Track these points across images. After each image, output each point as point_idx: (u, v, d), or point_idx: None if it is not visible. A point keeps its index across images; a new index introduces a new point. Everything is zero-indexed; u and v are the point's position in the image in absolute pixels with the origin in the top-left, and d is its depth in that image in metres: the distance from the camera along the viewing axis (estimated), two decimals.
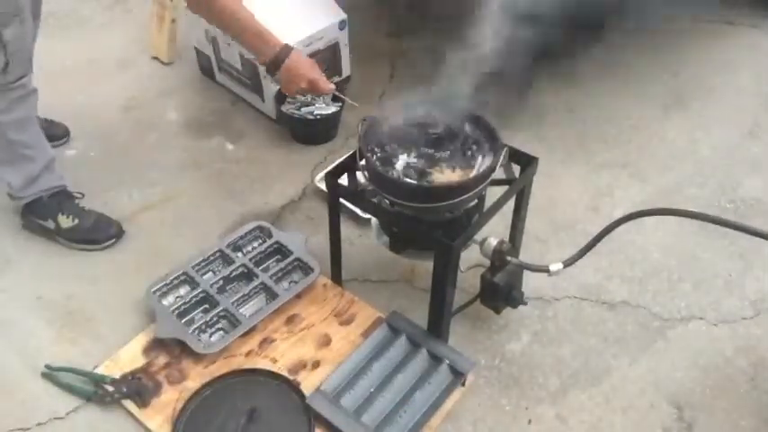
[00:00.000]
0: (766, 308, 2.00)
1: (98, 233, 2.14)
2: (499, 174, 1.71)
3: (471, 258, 1.84)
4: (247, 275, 2.00)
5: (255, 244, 2.10)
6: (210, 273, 2.02)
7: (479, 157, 1.72)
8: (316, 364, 1.81)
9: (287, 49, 1.81)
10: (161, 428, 1.69)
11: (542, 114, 2.66)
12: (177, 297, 1.95)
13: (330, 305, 1.96)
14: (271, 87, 2.53)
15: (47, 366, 1.81)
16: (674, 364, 1.86)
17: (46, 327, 1.95)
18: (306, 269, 2.01)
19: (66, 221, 2.11)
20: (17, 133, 1.98)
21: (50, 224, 2.12)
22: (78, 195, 2.21)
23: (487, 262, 1.76)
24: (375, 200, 1.73)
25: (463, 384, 1.77)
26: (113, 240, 2.15)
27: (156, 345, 1.85)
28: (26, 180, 2.06)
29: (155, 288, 1.93)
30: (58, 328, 1.94)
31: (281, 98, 2.53)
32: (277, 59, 1.80)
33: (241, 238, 2.09)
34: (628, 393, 1.80)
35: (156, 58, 2.94)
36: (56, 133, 2.44)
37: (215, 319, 1.89)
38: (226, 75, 2.73)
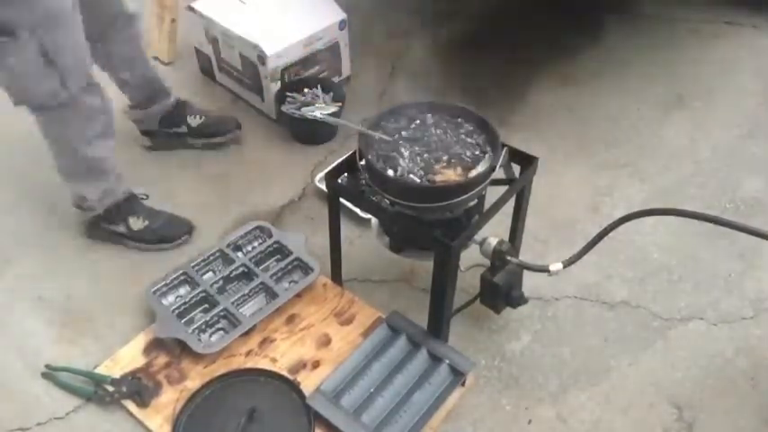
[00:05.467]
0: (766, 308, 2.00)
1: (171, 230, 2.14)
2: (499, 174, 1.71)
3: (471, 258, 1.83)
4: (247, 275, 2.00)
5: (255, 244, 2.10)
6: (210, 273, 2.02)
7: (479, 157, 1.72)
8: (316, 364, 1.82)
9: None
10: (161, 428, 1.69)
11: (542, 114, 2.66)
12: (177, 297, 1.95)
13: (330, 305, 1.96)
14: (271, 87, 2.53)
15: (47, 366, 1.81)
16: (674, 364, 1.86)
17: (46, 327, 1.95)
18: (306, 269, 2.01)
19: (137, 223, 2.10)
20: (94, 149, 1.94)
21: (122, 228, 2.10)
22: (143, 196, 2.19)
23: (487, 262, 1.76)
24: (375, 200, 1.73)
25: (463, 384, 1.77)
26: (186, 237, 2.15)
27: (156, 345, 1.85)
28: (103, 193, 2.04)
29: (155, 288, 1.93)
30: (58, 328, 1.94)
31: (281, 98, 2.53)
32: None
33: (241, 237, 2.09)
34: (628, 393, 1.80)
35: (156, 58, 2.93)
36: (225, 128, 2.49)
37: (215, 318, 1.89)
38: (226, 75, 2.73)
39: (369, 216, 2.02)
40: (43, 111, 1.84)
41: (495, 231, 1.78)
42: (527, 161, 1.78)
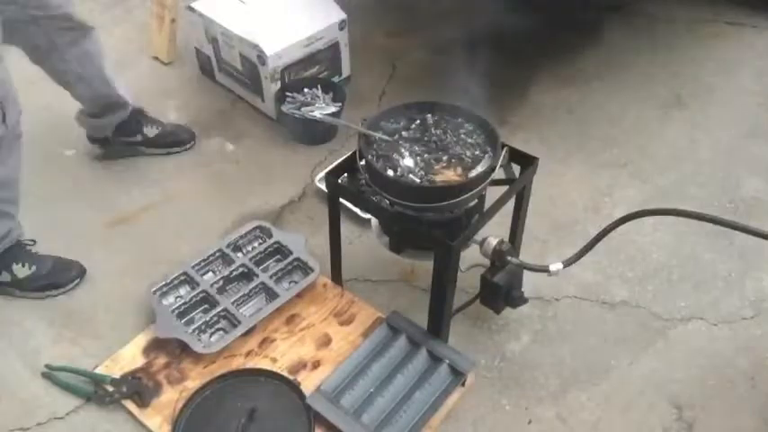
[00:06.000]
0: (766, 308, 2.00)
1: (58, 276, 2.01)
2: (499, 174, 1.71)
3: (471, 258, 1.84)
4: (247, 275, 2.00)
5: (255, 244, 2.10)
6: (210, 273, 2.02)
7: (479, 157, 1.72)
8: (316, 364, 1.81)
9: None
10: (161, 428, 1.69)
11: (542, 114, 2.66)
12: (177, 297, 1.95)
13: (330, 305, 1.96)
14: (271, 87, 2.53)
15: (47, 366, 1.81)
16: (674, 364, 1.86)
17: (46, 327, 1.95)
18: (306, 269, 2.01)
19: (22, 271, 1.98)
20: (4, 190, 1.87)
21: (6, 277, 1.97)
22: (30, 243, 2.03)
23: (487, 262, 1.76)
24: (375, 200, 1.73)
25: (463, 384, 1.77)
26: (77, 281, 2.03)
27: (156, 345, 1.85)
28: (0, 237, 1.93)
29: (155, 288, 1.93)
30: (58, 328, 1.94)
31: (281, 98, 2.53)
32: None
33: (241, 237, 2.09)
34: (628, 393, 1.80)
35: (156, 58, 2.94)
36: (183, 138, 2.49)
37: (215, 319, 1.89)
38: (226, 75, 2.73)
39: (369, 216, 2.02)
40: None
41: (495, 231, 1.78)
42: (527, 161, 1.78)
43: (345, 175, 1.79)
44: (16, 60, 1.98)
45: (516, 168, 1.80)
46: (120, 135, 2.37)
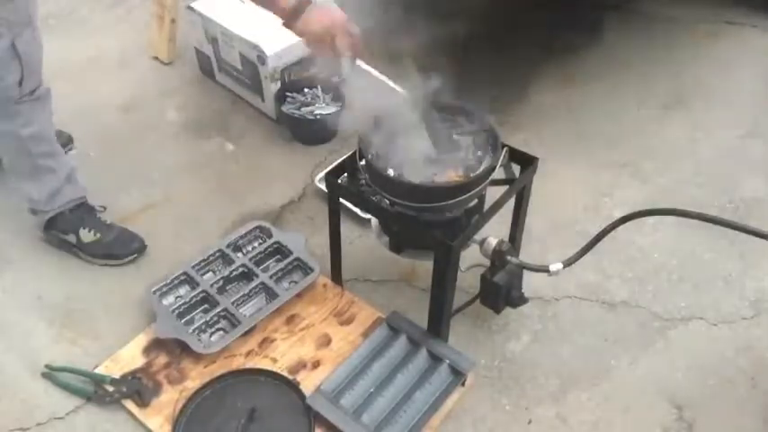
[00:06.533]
0: (766, 308, 1.99)
1: (120, 248, 2.09)
2: (499, 174, 1.71)
3: (471, 258, 1.84)
4: (247, 275, 2.00)
5: (255, 244, 2.10)
6: (210, 273, 2.02)
7: (479, 157, 1.72)
8: (316, 364, 1.81)
9: None
10: (161, 428, 1.69)
11: (542, 114, 2.66)
12: (177, 297, 1.95)
13: (330, 305, 1.96)
14: (271, 87, 2.53)
15: (47, 366, 1.81)
16: (674, 364, 1.86)
17: (46, 327, 1.95)
18: (306, 269, 2.01)
19: (87, 236, 2.07)
20: (37, 145, 1.93)
21: (72, 238, 2.07)
22: (100, 209, 2.15)
23: (487, 262, 1.76)
24: (375, 200, 1.73)
25: (463, 384, 1.77)
26: (135, 256, 2.10)
27: (156, 345, 1.85)
28: (49, 193, 2.01)
29: (155, 288, 1.93)
30: (58, 328, 1.94)
31: (281, 98, 2.53)
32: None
33: (241, 237, 2.09)
34: (628, 393, 1.80)
35: (156, 58, 2.94)
36: (60, 142, 2.37)
37: (215, 319, 1.89)
38: (226, 75, 2.73)
39: (369, 216, 2.02)
40: None
41: (495, 231, 1.78)
42: (527, 161, 1.78)
43: (345, 175, 1.80)
44: None
45: (516, 168, 1.80)
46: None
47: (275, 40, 2.48)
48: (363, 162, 1.69)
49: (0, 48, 1.72)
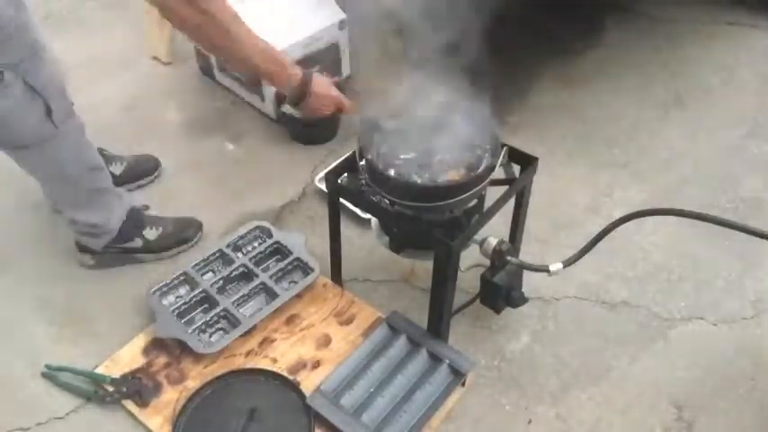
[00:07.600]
0: (766, 308, 2.00)
1: (186, 231, 2.13)
2: (499, 174, 1.71)
3: (471, 258, 1.83)
4: (247, 275, 2.00)
5: (255, 244, 2.10)
6: (210, 273, 2.02)
7: (479, 157, 1.72)
8: (316, 364, 1.81)
9: (308, 74, 1.68)
10: (161, 428, 1.69)
11: (542, 114, 2.66)
12: (177, 297, 1.95)
13: (330, 305, 1.96)
14: (270, 87, 2.53)
15: (47, 366, 1.81)
16: (674, 364, 1.86)
17: (46, 327, 1.95)
18: (306, 269, 2.01)
19: (153, 233, 2.08)
20: (90, 170, 1.90)
21: (138, 242, 2.06)
22: (144, 207, 2.18)
23: (487, 262, 1.76)
24: (375, 200, 1.73)
25: (463, 384, 1.77)
26: (200, 234, 2.15)
27: (156, 345, 1.85)
28: (110, 211, 2.00)
29: (155, 288, 1.93)
30: (58, 328, 1.94)
31: (281, 98, 2.53)
32: (304, 87, 1.67)
33: (241, 237, 2.09)
34: (628, 393, 1.80)
35: (156, 58, 2.94)
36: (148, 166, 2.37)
37: (215, 318, 1.89)
38: (226, 75, 2.73)
39: (369, 216, 2.02)
40: (31, 147, 1.76)
41: (495, 231, 1.78)
42: (527, 161, 1.78)
43: (345, 175, 1.79)
44: None
45: (516, 168, 1.80)
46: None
47: (275, 41, 2.47)
48: (363, 162, 1.69)
49: (16, 94, 1.62)
